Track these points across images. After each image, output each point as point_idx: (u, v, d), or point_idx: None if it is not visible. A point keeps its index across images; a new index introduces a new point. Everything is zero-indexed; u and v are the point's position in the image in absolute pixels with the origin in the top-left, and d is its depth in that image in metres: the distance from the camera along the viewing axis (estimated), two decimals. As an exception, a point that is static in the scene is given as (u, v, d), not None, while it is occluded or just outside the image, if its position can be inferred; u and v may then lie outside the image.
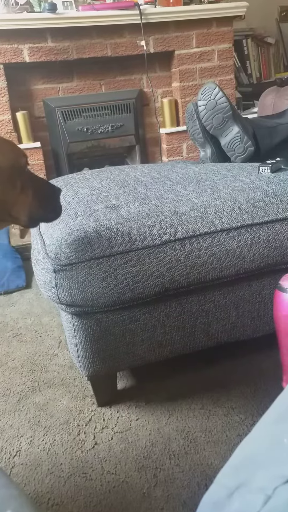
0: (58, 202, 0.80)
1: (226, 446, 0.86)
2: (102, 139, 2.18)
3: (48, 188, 0.78)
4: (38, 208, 0.76)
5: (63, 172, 2.17)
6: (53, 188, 0.79)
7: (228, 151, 1.44)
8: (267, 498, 0.32)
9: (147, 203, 0.97)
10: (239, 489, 0.35)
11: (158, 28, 2.08)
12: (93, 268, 0.83)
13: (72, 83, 2.12)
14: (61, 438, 0.93)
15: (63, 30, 1.94)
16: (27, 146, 2.01)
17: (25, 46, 1.92)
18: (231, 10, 2.14)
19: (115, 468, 0.84)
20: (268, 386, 1.01)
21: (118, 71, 2.18)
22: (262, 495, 0.32)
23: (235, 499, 0.35)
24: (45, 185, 0.78)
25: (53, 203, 0.79)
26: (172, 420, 0.94)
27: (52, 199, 0.79)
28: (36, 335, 1.33)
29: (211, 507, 0.37)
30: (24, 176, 0.74)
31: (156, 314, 0.91)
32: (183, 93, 2.24)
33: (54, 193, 0.79)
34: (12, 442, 0.93)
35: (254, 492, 0.33)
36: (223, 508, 0.35)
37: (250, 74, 2.83)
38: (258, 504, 0.32)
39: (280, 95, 1.99)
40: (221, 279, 0.91)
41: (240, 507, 0.34)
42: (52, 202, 0.79)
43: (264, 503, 0.32)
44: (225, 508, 0.35)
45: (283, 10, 2.99)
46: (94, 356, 0.90)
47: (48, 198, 0.78)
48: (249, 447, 0.40)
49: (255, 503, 0.32)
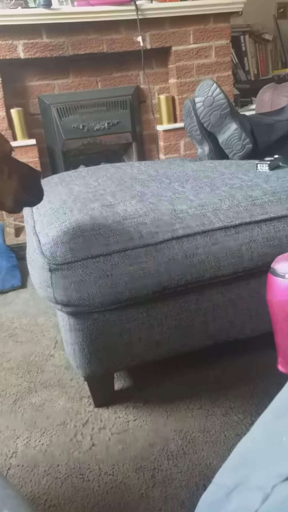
0: (40, 185, 0.82)
1: (224, 446, 0.86)
2: (98, 136, 2.17)
3: (31, 172, 0.80)
4: (23, 193, 0.78)
5: (58, 169, 2.15)
6: (35, 172, 0.81)
7: (226, 148, 1.43)
8: (266, 497, 0.32)
9: (144, 201, 0.95)
10: (238, 487, 0.35)
11: (154, 24, 2.06)
12: (90, 267, 0.82)
13: (68, 80, 2.10)
14: (58, 439, 0.92)
15: (58, 26, 1.92)
16: (22, 143, 1.99)
17: (19, 42, 1.90)
18: (229, 6, 2.12)
19: (113, 469, 0.83)
20: (267, 385, 1.00)
21: (114, 67, 2.16)
22: (260, 494, 0.32)
23: (233, 498, 0.35)
24: (28, 169, 0.80)
25: (36, 187, 0.81)
26: (170, 421, 0.94)
27: (35, 182, 0.81)
28: (32, 336, 1.32)
29: (209, 506, 0.37)
30: (10, 162, 0.76)
31: (153, 313, 0.90)
32: (180, 90, 2.22)
33: (36, 176, 0.81)
34: (8, 444, 0.92)
35: (252, 491, 0.33)
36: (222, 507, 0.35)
37: (247, 71, 2.82)
38: (257, 502, 0.32)
39: (278, 92, 1.98)
40: (219, 277, 0.90)
41: (239, 505, 0.34)
42: (35, 185, 0.81)
43: (263, 502, 0.32)
44: (224, 507, 0.35)
45: (280, 7, 2.98)
46: (91, 356, 0.89)
47: (32, 182, 0.80)
48: (248, 445, 0.40)
49: (253, 501, 0.32)
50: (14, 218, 1.97)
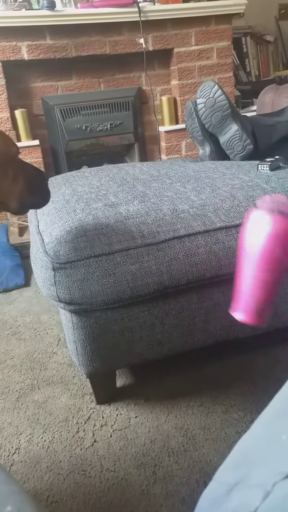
0: (46, 187, 0.81)
1: (225, 443, 0.87)
2: (101, 137, 2.18)
3: (37, 174, 0.80)
4: (28, 195, 0.77)
5: (62, 170, 2.17)
6: (41, 174, 0.80)
7: (227, 149, 1.43)
8: (266, 494, 0.32)
9: (146, 201, 0.97)
10: (238, 485, 0.35)
11: (157, 25, 2.07)
12: (92, 266, 0.83)
13: (71, 81, 2.12)
14: (60, 435, 0.93)
15: (62, 27, 1.93)
16: (26, 144, 2.01)
17: (23, 44, 1.92)
18: (230, 7, 2.13)
19: (114, 466, 0.84)
20: (266, 383, 1.01)
21: (117, 69, 2.17)
22: (261, 491, 0.32)
23: (234, 495, 0.35)
24: (34, 171, 0.79)
25: (42, 189, 0.80)
26: (171, 418, 0.94)
27: (41, 184, 0.80)
28: (35, 333, 1.33)
29: (210, 504, 0.37)
30: (15, 164, 0.75)
31: (155, 312, 0.91)
32: (182, 91, 2.23)
33: (43, 178, 0.80)
34: (11, 440, 0.93)
35: (253, 488, 0.34)
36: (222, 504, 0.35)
37: (249, 72, 2.83)
38: (257, 500, 0.32)
39: (279, 93, 1.99)
40: (220, 276, 0.91)
41: (239, 503, 0.34)
42: (41, 187, 0.80)
43: (263, 499, 0.32)
44: (224, 504, 0.35)
45: (282, 8, 2.99)
46: (93, 354, 0.90)
47: (38, 184, 0.79)
48: (248, 443, 0.41)
49: (254, 499, 0.32)
50: (18, 218, 1.99)
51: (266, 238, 0.58)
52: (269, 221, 0.59)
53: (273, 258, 0.59)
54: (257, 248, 0.59)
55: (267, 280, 0.60)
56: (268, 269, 0.59)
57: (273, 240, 0.58)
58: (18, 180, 0.75)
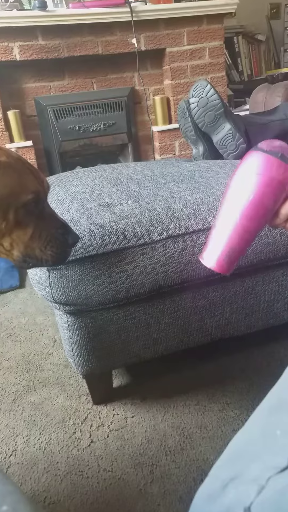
0: (66, 252, 0.72)
1: (221, 441, 0.87)
2: (95, 138, 2.18)
3: (60, 234, 0.70)
4: (35, 249, 0.69)
5: (55, 171, 2.16)
6: (67, 236, 0.70)
7: (220, 148, 1.44)
8: (261, 488, 0.32)
9: (140, 201, 0.97)
10: (233, 480, 0.36)
11: (149, 25, 2.07)
12: (87, 266, 0.83)
13: (64, 81, 2.11)
14: (57, 436, 0.93)
15: (54, 28, 1.93)
16: (19, 145, 2.00)
17: (15, 44, 1.91)
18: (222, 7, 2.14)
19: (112, 466, 0.84)
20: (262, 381, 1.01)
21: (109, 69, 2.17)
22: (255, 486, 0.33)
23: (229, 490, 0.35)
24: (58, 230, 0.70)
25: (60, 251, 0.71)
26: (168, 417, 0.95)
27: (61, 246, 0.70)
28: (30, 335, 1.32)
29: (206, 499, 0.38)
30: (25, 212, 0.67)
31: (150, 312, 0.91)
32: (175, 91, 2.24)
33: (66, 241, 0.71)
34: (8, 442, 0.93)
35: (248, 483, 0.34)
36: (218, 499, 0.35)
37: (241, 71, 2.84)
38: (252, 494, 0.33)
39: (271, 92, 2.00)
40: (214, 275, 0.91)
41: (235, 497, 0.34)
42: (59, 249, 0.71)
43: (258, 493, 0.32)
44: (220, 500, 0.35)
45: (273, 7, 3.01)
46: (89, 354, 0.90)
47: (56, 244, 0.70)
48: (243, 439, 0.41)
49: (249, 493, 0.33)
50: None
51: (261, 182, 0.53)
52: (271, 164, 0.53)
53: (263, 206, 0.54)
54: (248, 192, 0.54)
55: (249, 229, 0.55)
56: (254, 217, 0.54)
57: (268, 186, 0.53)
58: (24, 229, 0.67)
